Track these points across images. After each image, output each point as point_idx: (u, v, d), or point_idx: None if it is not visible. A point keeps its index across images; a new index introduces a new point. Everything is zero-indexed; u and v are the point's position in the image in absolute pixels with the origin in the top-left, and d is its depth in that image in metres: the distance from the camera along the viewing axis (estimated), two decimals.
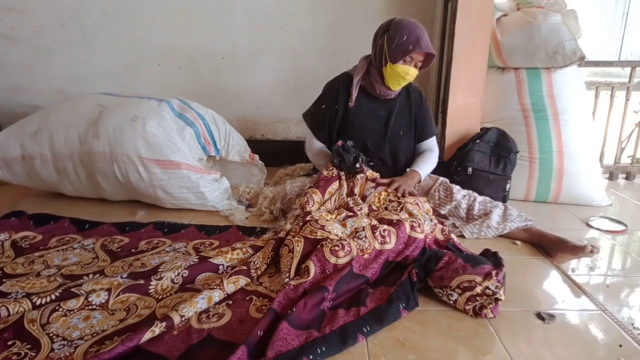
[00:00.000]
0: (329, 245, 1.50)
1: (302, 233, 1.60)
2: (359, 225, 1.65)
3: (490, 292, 1.36)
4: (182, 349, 1.16)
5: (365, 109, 2.10)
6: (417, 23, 1.95)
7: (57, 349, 1.16)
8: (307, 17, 2.96)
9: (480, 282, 1.37)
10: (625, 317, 1.39)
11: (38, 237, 1.86)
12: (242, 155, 2.50)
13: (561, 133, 2.33)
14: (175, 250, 1.75)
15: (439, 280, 1.43)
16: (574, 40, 2.25)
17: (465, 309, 1.37)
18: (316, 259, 1.47)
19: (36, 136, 2.18)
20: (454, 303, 1.40)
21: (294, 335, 1.19)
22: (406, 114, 2.16)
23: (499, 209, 1.95)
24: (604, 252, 1.86)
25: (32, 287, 1.45)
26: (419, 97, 2.20)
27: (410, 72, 1.95)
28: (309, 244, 1.55)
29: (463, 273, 1.40)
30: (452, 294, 1.40)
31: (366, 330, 1.25)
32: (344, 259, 1.48)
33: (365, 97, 2.11)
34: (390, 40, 1.93)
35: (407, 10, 2.93)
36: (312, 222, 1.63)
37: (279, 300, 1.31)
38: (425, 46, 1.90)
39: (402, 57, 1.92)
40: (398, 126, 2.14)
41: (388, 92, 2.08)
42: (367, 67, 2.07)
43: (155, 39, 2.97)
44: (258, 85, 3.08)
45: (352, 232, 1.63)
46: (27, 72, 3.02)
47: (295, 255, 1.52)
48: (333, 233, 1.59)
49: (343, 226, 1.65)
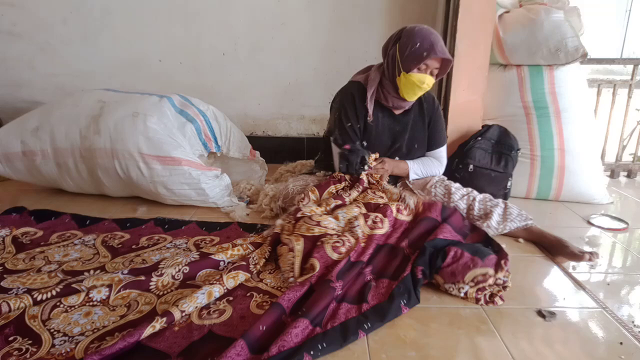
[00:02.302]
0: (330, 242, 1.51)
1: (299, 231, 1.60)
2: (351, 216, 1.67)
3: (500, 282, 1.43)
4: (183, 345, 1.16)
5: (380, 124, 2.04)
6: (430, 29, 1.86)
7: (58, 345, 1.17)
8: (309, 14, 2.95)
9: (492, 275, 1.42)
10: (625, 314, 1.39)
11: (39, 233, 1.86)
12: (243, 151, 2.50)
13: (563, 130, 2.32)
14: (176, 246, 1.76)
15: (452, 277, 1.44)
16: (577, 37, 2.24)
17: (476, 300, 1.42)
18: (319, 256, 1.48)
19: (37, 132, 2.18)
20: (464, 295, 1.43)
21: (300, 330, 1.19)
22: (420, 126, 2.10)
23: (499, 208, 1.93)
24: (604, 250, 1.86)
25: (33, 283, 1.45)
26: (432, 105, 2.12)
27: (426, 80, 1.86)
28: (308, 242, 1.56)
29: (474, 267, 1.43)
30: (463, 287, 1.43)
31: (367, 327, 1.25)
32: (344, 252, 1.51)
33: (380, 110, 2.04)
34: (402, 49, 1.85)
35: (408, 7, 2.92)
36: (306, 219, 1.64)
37: (288, 297, 1.31)
38: (441, 52, 1.81)
39: (417, 65, 1.83)
40: (412, 140, 2.09)
41: (402, 103, 2.00)
42: (380, 78, 1.99)
43: (157, 35, 2.97)
44: (259, 81, 3.08)
45: (347, 224, 1.65)
46: (28, 68, 3.01)
47: (297, 254, 1.52)
48: (330, 227, 1.60)
49: (336, 219, 1.66)
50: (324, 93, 3.05)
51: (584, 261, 1.64)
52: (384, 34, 2.92)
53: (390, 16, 2.95)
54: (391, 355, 1.18)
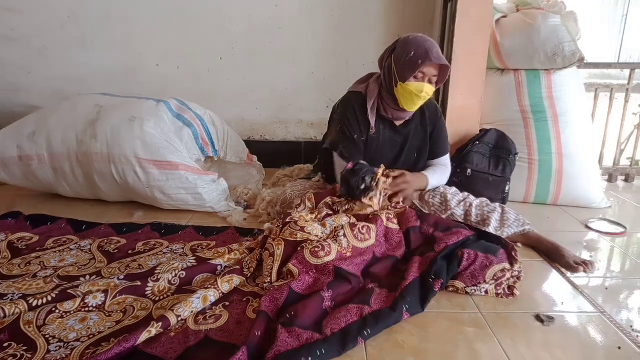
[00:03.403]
0: (309, 247, 1.50)
1: (282, 236, 1.59)
2: (338, 224, 1.65)
3: (516, 274, 1.54)
4: (180, 351, 1.15)
5: (382, 136, 1.99)
6: (425, 37, 1.83)
7: (54, 351, 1.16)
8: (306, 18, 2.95)
9: (510, 269, 1.53)
10: (624, 319, 1.39)
11: (35, 238, 1.85)
12: (240, 156, 2.49)
13: (560, 135, 2.32)
14: (172, 251, 1.75)
15: (473, 279, 1.50)
16: (574, 42, 2.25)
17: (496, 295, 1.48)
18: (297, 262, 1.47)
19: (33, 137, 2.17)
20: (485, 293, 1.49)
21: (295, 336, 1.18)
22: (421, 136, 2.05)
23: (496, 213, 1.91)
24: (603, 254, 1.86)
25: (29, 288, 1.44)
26: (435, 114, 2.07)
27: (425, 89, 1.81)
28: (289, 246, 1.54)
29: (491, 265, 1.52)
30: (484, 286, 1.49)
31: (367, 334, 1.24)
32: (324, 259, 1.48)
33: (381, 122, 1.99)
34: (397, 59, 1.83)
35: (406, 12, 2.93)
36: (291, 224, 1.63)
37: (266, 304, 1.29)
38: (436, 58, 1.77)
39: (412, 74, 1.79)
40: (412, 150, 2.05)
41: (403, 114, 1.96)
42: (378, 89, 1.95)
43: (154, 40, 2.96)
44: (257, 85, 3.07)
45: (332, 231, 1.63)
46: (25, 73, 3.01)
47: (275, 259, 1.51)
48: (313, 234, 1.59)
49: (323, 226, 1.65)
50: (321, 97, 3.05)
51: (579, 272, 1.65)
52: (382, 39, 2.93)
53: (388, 20, 2.95)
54: None
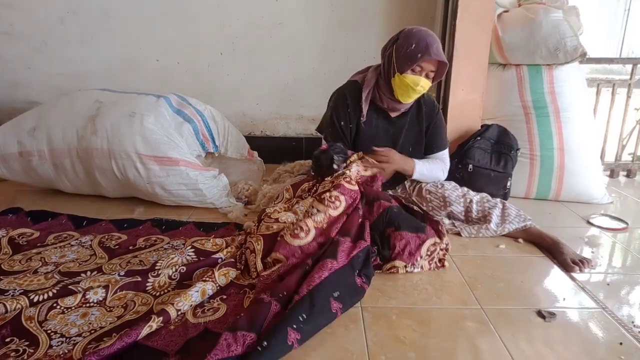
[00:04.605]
0: (288, 232, 1.53)
1: (259, 232, 1.61)
2: (307, 206, 1.68)
3: (443, 247, 1.64)
4: (180, 343, 1.17)
5: (374, 126, 1.99)
6: (428, 31, 1.82)
7: (56, 346, 1.16)
8: (307, 13, 2.94)
9: (439, 242, 1.63)
10: (625, 315, 1.39)
11: (35, 234, 1.85)
12: (240, 151, 2.49)
13: (562, 130, 2.31)
14: (173, 247, 1.75)
15: (411, 257, 1.58)
16: (576, 36, 2.24)
17: (430, 269, 1.61)
18: (281, 249, 1.49)
19: (34, 132, 2.17)
20: (421, 269, 1.60)
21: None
22: (416, 130, 2.03)
23: (497, 209, 1.91)
24: (604, 250, 1.86)
25: (30, 284, 1.45)
26: (432, 109, 2.05)
27: (420, 82, 1.81)
28: (268, 240, 1.56)
29: (423, 241, 1.60)
30: (420, 262, 1.59)
31: (336, 295, 1.32)
32: (306, 238, 1.52)
33: (375, 112, 1.99)
34: (398, 50, 1.82)
35: (408, 7, 2.92)
36: (265, 218, 1.65)
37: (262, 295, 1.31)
38: (435, 54, 1.77)
39: (410, 66, 1.79)
40: (407, 143, 2.04)
41: (397, 105, 1.95)
42: (376, 79, 1.96)
43: (154, 35, 2.95)
44: (257, 81, 3.07)
45: (304, 214, 1.65)
46: (25, 69, 3.00)
47: (257, 254, 1.53)
48: (289, 222, 1.61)
49: (294, 213, 1.66)
50: (322, 93, 3.00)
51: (574, 272, 1.64)
52: (383, 34, 2.92)
53: (389, 16, 2.94)
54: (390, 356, 1.17)
